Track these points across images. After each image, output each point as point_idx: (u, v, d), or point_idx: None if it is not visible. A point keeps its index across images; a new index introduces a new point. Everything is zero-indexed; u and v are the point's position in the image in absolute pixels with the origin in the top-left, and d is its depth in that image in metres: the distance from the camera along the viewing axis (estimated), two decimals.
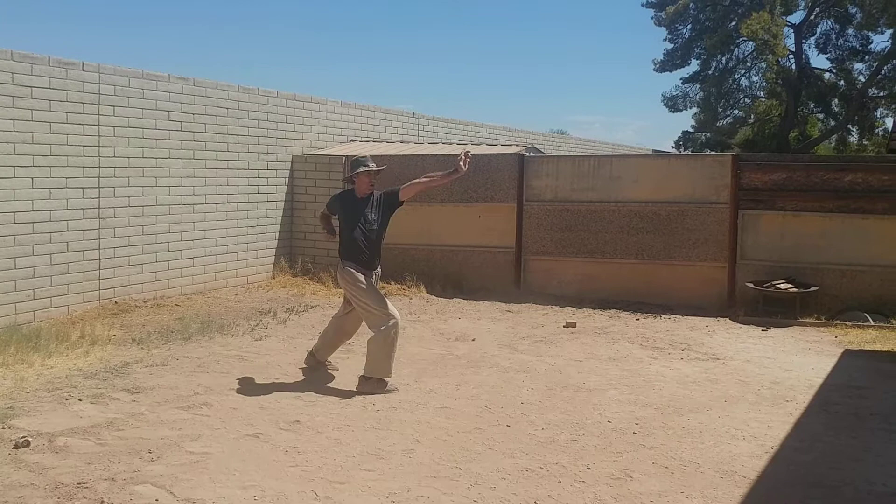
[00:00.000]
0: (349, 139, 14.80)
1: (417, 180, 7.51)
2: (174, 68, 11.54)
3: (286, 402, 6.72)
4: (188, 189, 11.58)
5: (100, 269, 10.35)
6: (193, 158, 11.62)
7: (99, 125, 10.19)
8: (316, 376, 7.58)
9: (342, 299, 7.79)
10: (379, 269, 7.54)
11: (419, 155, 13.48)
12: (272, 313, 10.51)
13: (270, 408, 6.56)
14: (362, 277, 7.21)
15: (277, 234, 13.37)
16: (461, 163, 7.18)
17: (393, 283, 12.32)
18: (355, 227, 7.27)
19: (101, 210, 10.31)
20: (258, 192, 12.90)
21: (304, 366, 7.82)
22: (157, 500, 4.70)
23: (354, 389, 7.09)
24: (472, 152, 7.56)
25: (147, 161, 10.90)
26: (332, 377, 7.59)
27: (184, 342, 8.84)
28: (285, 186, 13.45)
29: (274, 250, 13.32)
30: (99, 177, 10.24)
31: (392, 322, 7.12)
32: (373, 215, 7.32)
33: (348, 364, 8.08)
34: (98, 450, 5.51)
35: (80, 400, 6.61)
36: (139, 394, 6.86)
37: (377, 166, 7.43)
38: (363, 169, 7.32)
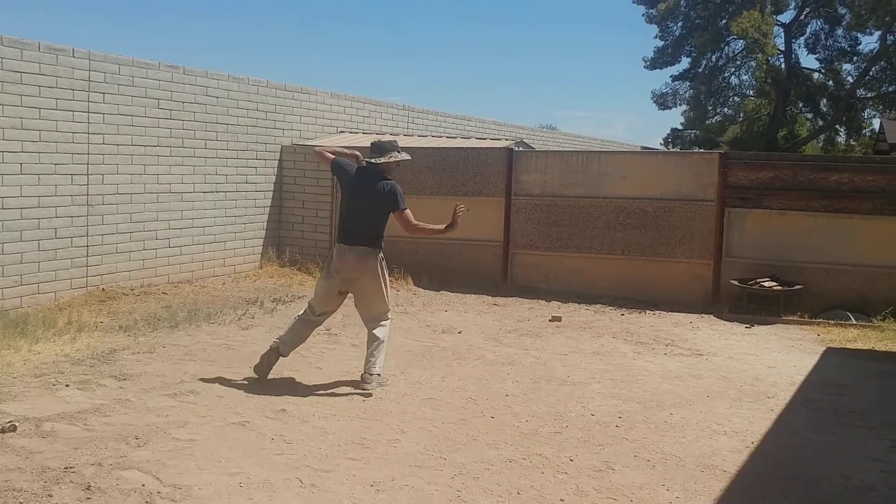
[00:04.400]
0: (338, 130, 14.81)
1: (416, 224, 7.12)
2: (165, 58, 11.51)
3: (272, 391, 6.76)
4: (177, 177, 11.58)
5: (87, 255, 10.35)
6: (182, 147, 11.62)
7: (88, 112, 10.18)
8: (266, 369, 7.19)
9: (325, 296, 7.20)
10: None
11: (408, 147, 13.47)
12: (259, 303, 10.53)
13: (257, 396, 6.60)
14: None
15: (265, 224, 13.38)
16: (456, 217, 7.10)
17: None
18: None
19: (89, 197, 10.30)
20: (247, 182, 12.90)
21: (262, 364, 7.15)
22: (143, 485, 4.73)
23: (360, 390, 6.86)
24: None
25: (136, 149, 10.89)
26: (320, 368, 7.63)
27: (171, 330, 8.86)
28: (274, 177, 13.46)
29: (262, 240, 13.33)
30: (88, 164, 10.24)
31: (390, 319, 7.23)
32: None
33: (334, 354, 8.13)
34: (85, 435, 5.53)
35: (67, 386, 6.63)
36: (126, 380, 6.88)
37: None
38: (398, 157, 7.25)
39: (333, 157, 7.37)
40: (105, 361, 7.44)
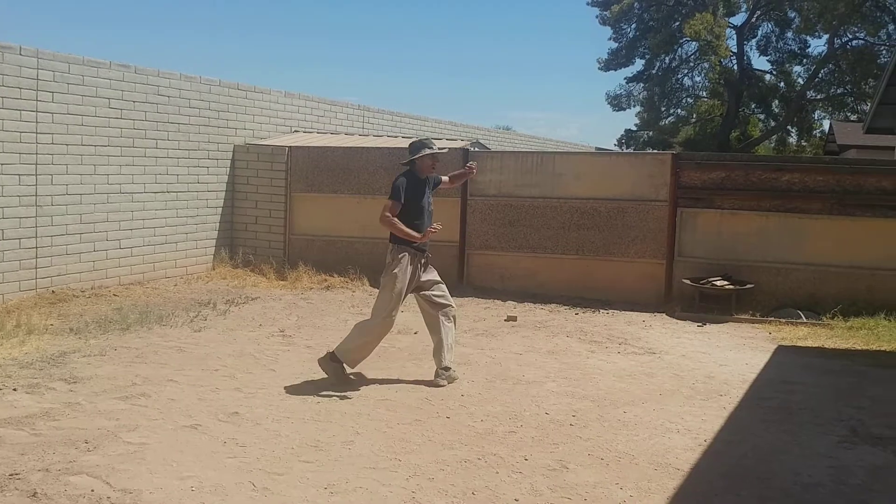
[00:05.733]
0: (292, 130, 14.72)
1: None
2: (119, 59, 11.27)
3: (225, 394, 6.69)
4: (127, 178, 11.43)
5: (37, 257, 10.17)
6: (133, 147, 11.47)
7: (37, 111, 10.01)
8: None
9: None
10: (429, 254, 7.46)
11: (364, 147, 13.47)
12: (212, 304, 10.42)
13: (209, 399, 6.52)
14: (409, 274, 7.14)
15: (218, 224, 13.25)
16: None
17: (336, 275, 12.30)
18: (422, 210, 7.27)
19: (38, 198, 10.12)
20: (198, 182, 12.76)
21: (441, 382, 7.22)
22: (92, 490, 4.65)
23: (318, 361, 7.27)
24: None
25: (86, 149, 10.73)
26: (273, 370, 7.57)
27: (122, 332, 8.73)
28: (226, 176, 13.33)
29: (214, 241, 13.20)
30: (36, 164, 10.06)
31: (387, 322, 7.18)
32: (430, 197, 7.43)
33: (288, 356, 8.07)
34: (32, 440, 5.42)
35: (14, 390, 6.50)
36: (76, 384, 6.76)
37: (439, 149, 7.52)
38: (427, 151, 7.29)
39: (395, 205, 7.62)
40: (55, 364, 7.31)
